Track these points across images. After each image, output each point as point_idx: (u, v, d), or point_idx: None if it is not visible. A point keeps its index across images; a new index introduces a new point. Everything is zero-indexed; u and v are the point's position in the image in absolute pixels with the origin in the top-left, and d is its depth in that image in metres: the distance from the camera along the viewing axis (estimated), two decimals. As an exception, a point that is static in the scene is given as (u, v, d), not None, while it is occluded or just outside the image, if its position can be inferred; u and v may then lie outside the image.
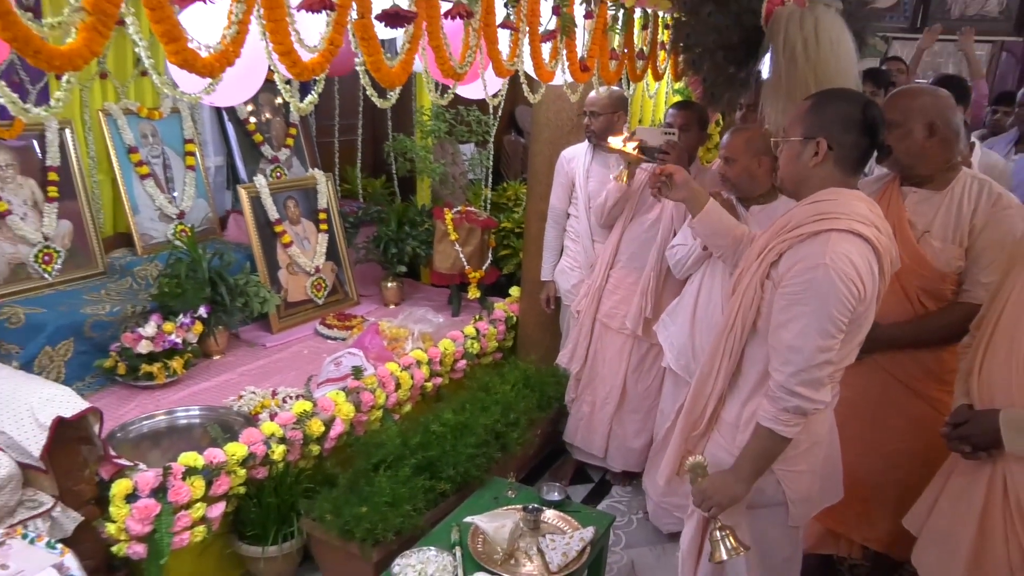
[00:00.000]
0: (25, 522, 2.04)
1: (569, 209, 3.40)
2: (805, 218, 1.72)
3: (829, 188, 1.74)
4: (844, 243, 1.65)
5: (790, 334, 1.69)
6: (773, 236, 1.79)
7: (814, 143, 1.73)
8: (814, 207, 1.72)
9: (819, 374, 1.69)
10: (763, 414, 1.75)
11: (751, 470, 1.79)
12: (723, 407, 1.94)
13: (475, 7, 1.98)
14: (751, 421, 1.82)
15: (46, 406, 2.09)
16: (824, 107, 1.76)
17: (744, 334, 1.84)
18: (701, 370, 1.99)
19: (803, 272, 1.67)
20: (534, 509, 2.35)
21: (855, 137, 1.73)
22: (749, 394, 1.87)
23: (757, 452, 1.78)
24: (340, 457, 2.78)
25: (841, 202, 1.70)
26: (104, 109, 3.33)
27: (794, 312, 1.68)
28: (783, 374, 1.71)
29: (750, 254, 1.89)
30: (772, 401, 1.73)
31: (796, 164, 1.79)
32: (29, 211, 3.01)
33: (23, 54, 1.22)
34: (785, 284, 1.71)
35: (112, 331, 2.98)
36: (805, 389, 1.69)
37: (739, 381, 1.90)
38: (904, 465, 2.28)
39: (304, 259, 3.78)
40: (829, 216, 1.68)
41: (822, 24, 2.44)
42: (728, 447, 1.90)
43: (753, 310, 1.80)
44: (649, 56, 3.04)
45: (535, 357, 3.59)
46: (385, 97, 1.93)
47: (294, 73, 1.58)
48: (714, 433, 1.97)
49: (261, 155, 4.03)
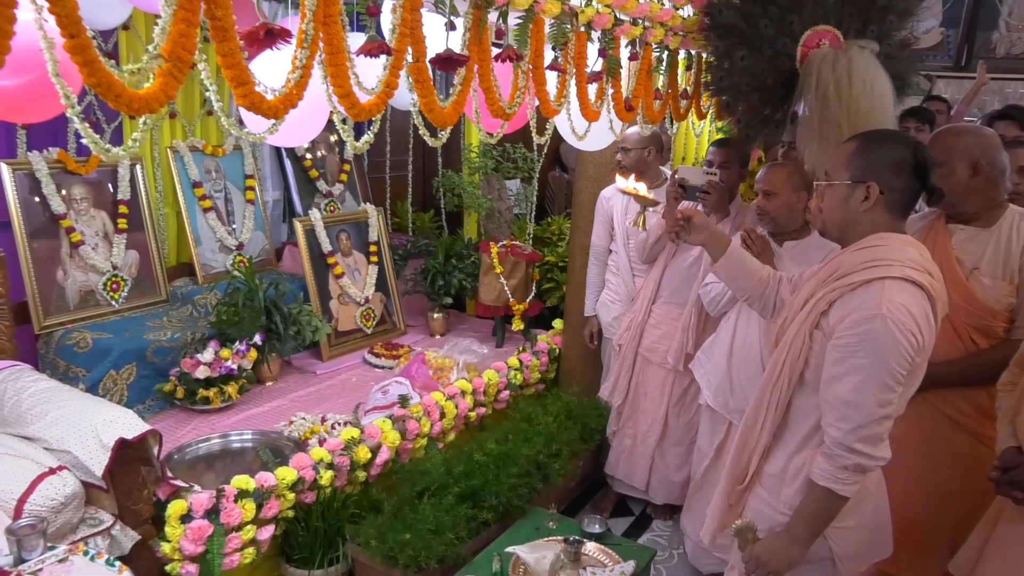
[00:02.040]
0: (86, 539, 2.11)
1: (610, 245, 3.45)
2: (855, 265, 1.65)
3: (878, 233, 1.68)
4: (900, 292, 1.59)
5: (846, 388, 1.62)
6: (820, 284, 1.73)
7: (864, 187, 1.67)
8: (864, 253, 1.66)
9: (878, 429, 1.62)
10: (819, 472, 1.67)
11: (808, 532, 1.71)
12: (767, 460, 1.87)
13: (524, 50, 2.06)
14: (798, 474, 1.76)
15: (109, 427, 2.16)
16: (873, 150, 1.69)
17: (791, 386, 1.77)
18: (745, 422, 1.91)
19: (858, 323, 1.60)
20: (575, 541, 2.36)
21: (907, 181, 1.67)
22: (797, 447, 1.79)
23: (814, 513, 1.70)
24: (385, 484, 2.83)
25: (892, 248, 1.64)
26: (172, 146, 3.52)
27: (850, 365, 1.61)
28: (841, 431, 1.63)
29: (795, 302, 1.82)
30: (829, 459, 1.65)
31: (844, 209, 1.72)
32: (100, 242, 3.18)
33: (105, 98, 1.30)
34: (839, 335, 1.64)
35: (172, 356, 3.10)
36: (864, 446, 1.62)
37: (786, 433, 1.83)
38: (957, 505, 2.23)
39: (354, 290, 3.89)
40: (881, 263, 1.62)
41: (855, 65, 2.43)
42: (772, 501, 1.83)
43: (801, 361, 1.74)
44: (693, 95, 3.09)
45: (577, 389, 3.61)
46: (436, 136, 2.00)
47: (352, 114, 1.67)
48: (756, 487, 1.89)
49: (316, 190, 4.18)
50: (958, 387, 2.20)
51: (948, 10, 6.15)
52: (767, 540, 1.77)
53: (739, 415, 2.66)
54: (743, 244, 2.58)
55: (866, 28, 2.63)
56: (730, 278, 2.14)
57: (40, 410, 2.25)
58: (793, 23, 2.62)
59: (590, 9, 2.23)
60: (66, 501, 2.08)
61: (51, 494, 2.05)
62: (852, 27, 2.62)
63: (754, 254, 2.53)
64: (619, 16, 2.36)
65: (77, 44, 1.19)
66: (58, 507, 2.05)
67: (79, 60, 1.20)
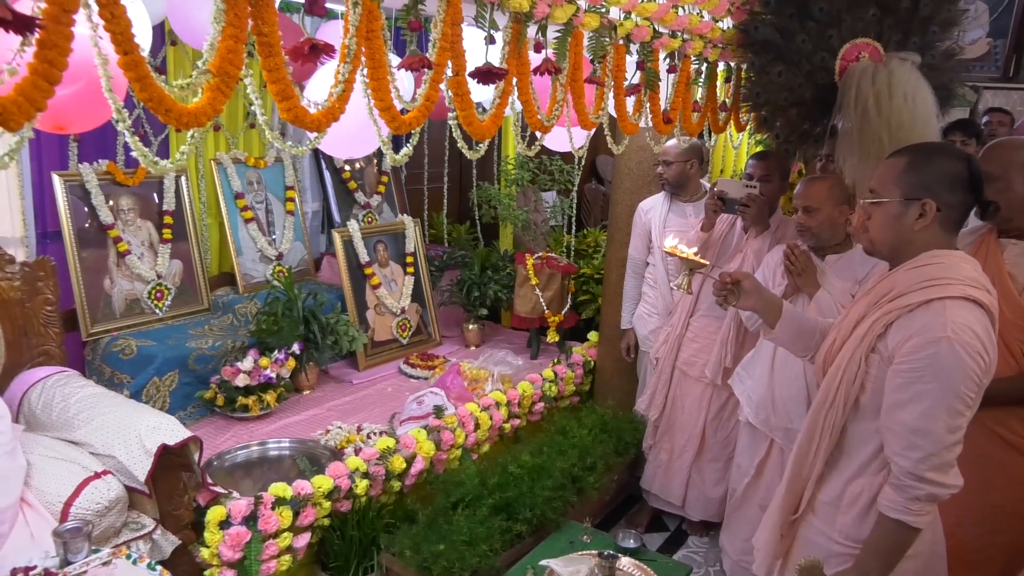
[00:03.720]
0: (129, 543, 2.16)
1: (648, 258, 3.42)
2: (911, 285, 1.59)
3: (933, 251, 1.62)
4: (963, 312, 1.53)
5: (912, 416, 1.55)
6: (872, 305, 1.67)
7: (918, 204, 1.60)
8: (920, 272, 1.60)
9: (949, 457, 1.55)
10: (889, 505, 1.60)
11: (880, 568, 1.63)
12: (820, 488, 1.80)
13: (563, 63, 2.07)
14: (855, 502, 1.70)
15: (152, 433, 2.21)
16: (925, 165, 1.62)
17: (845, 411, 1.71)
18: (798, 450, 1.83)
19: (922, 347, 1.53)
20: (610, 556, 2.33)
21: (961, 196, 1.61)
22: (854, 474, 1.73)
23: (886, 547, 1.61)
24: (420, 494, 2.83)
25: (949, 266, 1.58)
26: (216, 158, 3.60)
27: (915, 391, 1.54)
28: (910, 460, 1.55)
29: (843, 324, 1.76)
30: (898, 490, 1.58)
31: (897, 227, 1.64)
32: (146, 251, 3.26)
33: (156, 112, 1.33)
34: (901, 360, 1.57)
35: (213, 364, 3.16)
36: (936, 474, 1.54)
37: (840, 460, 1.76)
38: (1010, 528, 2.16)
39: (391, 300, 3.92)
40: (939, 282, 1.56)
41: (896, 78, 2.39)
42: (826, 530, 1.76)
43: (856, 386, 1.67)
44: (732, 108, 3.07)
45: (613, 402, 3.58)
46: (474, 148, 2.01)
47: (393, 127, 1.69)
48: (809, 515, 1.81)
49: (355, 201, 4.24)
50: (1011, 406, 2.13)
51: (995, 20, 6.02)
52: None
53: (781, 432, 2.62)
54: (785, 259, 2.54)
55: (907, 40, 2.59)
56: (790, 340, 2.02)
57: (86, 415, 2.31)
58: (832, 37, 2.59)
59: (629, 22, 2.23)
60: (110, 505, 2.12)
61: (96, 498, 2.09)
62: (892, 39, 2.58)
63: (797, 270, 2.50)
64: (658, 29, 2.36)
65: (131, 60, 1.23)
66: (103, 511, 2.10)
67: (132, 76, 1.24)
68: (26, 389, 2.45)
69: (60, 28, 1.13)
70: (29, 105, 1.13)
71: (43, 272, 2.62)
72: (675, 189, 3.29)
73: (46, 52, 1.12)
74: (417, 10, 1.64)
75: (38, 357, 2.61)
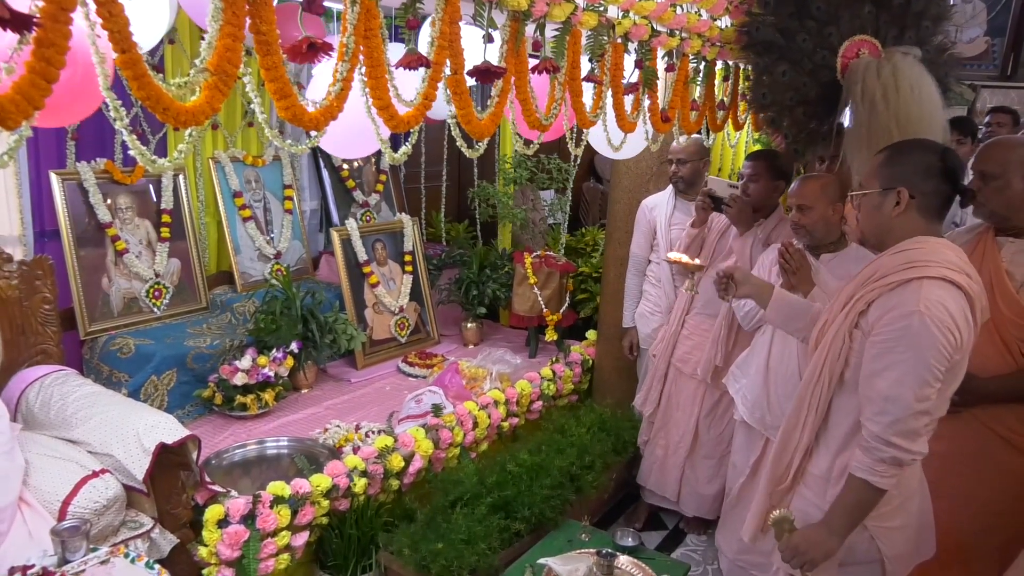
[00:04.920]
0: (127, 542, 2.16)
1: (650, 256, 3.42)
2: (894, 267, 1.70)
3: (915, 237, 1.73)
4: (937, 290, 1.63)
5: (885, 383, 1.66)
6: (859, 286, 1.77)
7: (894, 193, 1.74)
8: (902, 255, 1.71)
9: (915, 424, 1.66)
10: (857, 465, 1.71)
11: (845, 523, 1.74)
12: (810, 460, 1.90)
13: (561, 62, 2.07)
14: (843, 474, 1.78)
15: (151, 432, 2.21)
16: (900, 158, 1.77)
17: (831, 386, 1.81)
18: (786, 423, 1.95)
19: (897, 320, 1.65)
20: (608, 554, 2.33)
21: (936, 184, 1.73)
22: (840, 447, 1.83)
23: (851, 504, 1.74)
24: (418, 493, 2.84)
25: (929, 250, 1.69)
26: (214, 157, 3.59)
27: (888, 360, 1.66)
28: (879, 424, 1.67)
29: (834, 305, 1.87)
30: (867, 452, 1.70)
31: (878, 216, 1.78)
32: (144, 250, 3.26)
33: (154, 111, 1.32)
34: (877, 332, 1.69)
35: (211, 363, 3.16)
36: (901, 440, 1.65)
37: (827, 434, 1.86)
38: (1006, 526, 2.16)
39: (389, 299, 3.92)
40: (918, 264, 1.67)
41: (901, 71, 2.42)
42: (817, 501, 1.85)
43: (841, 361, 1.78)
44: (730, 107, 3.07)
45: (611, 401, 3.59)
46: (473, 147, 2.01)
47: (391, 126, 1.68)
48: (800, 487, 1.92)
49: (353, 200, 4.24)
50: (1008, 403, 2.14)
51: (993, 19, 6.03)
52: (804, 531, 1.79)
53: (776, 431, 2.62)
54: (779, 258, 2.55)
55: (903, 35, 2.60)
56: (783, 322, 2.22)
57: (84, 414, 2.31)
58: (831, 35, 2.60)
59: (627, 21, 2.23)
60: (108, 504, 2.12)
61: (94, 496, 2.10)
62: (889, 35, 2.59)
63: (792, 268, 2.50)
64: (656, 27, 2.35)
65: (128, 59, 1.23)
66: (101, 509, 2.10)
67: (129, 74, 1.24)
68: (24, 388, 2.45)
69: (58, 26, 1.12)
70: (27, 103, 1.13)
71: (41, 271, 2.62)
72: (687, 188, 3.29)
73: (44, 50, 1.12)
74: (415, 8, 1.64)
75: (36, 356, 2.61)
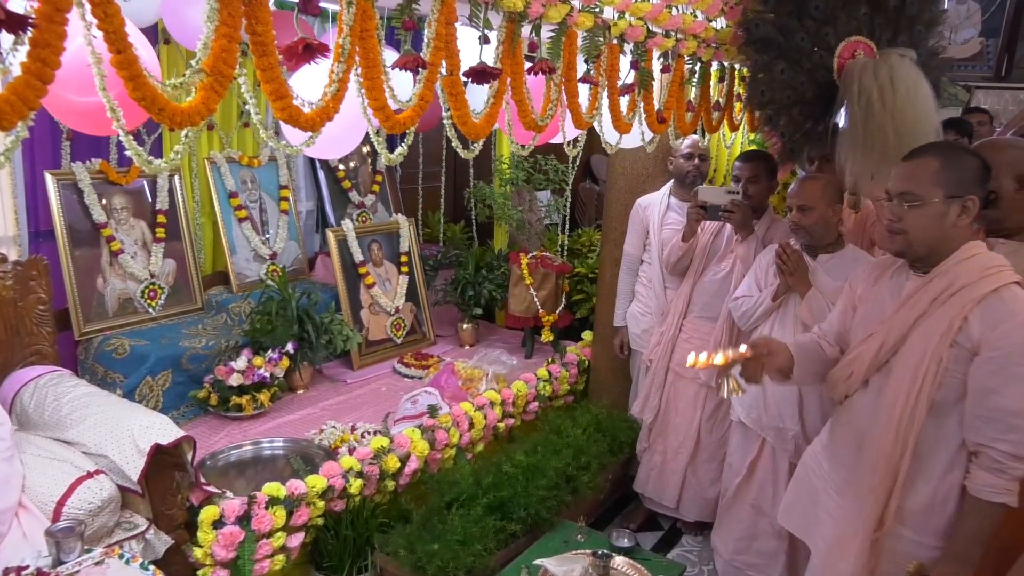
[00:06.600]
0: (122, 543, 2.15)
1: (643, 255, 3.42)
2: (973, 276, 1.67)
3: (970, 243, 1.72)
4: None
5: (1009, 399, 1.60)
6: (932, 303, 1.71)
7: (960, 202, 1.69)
8: (975, 262, 1.69)
9: None
10: (991, 490, 1.64)
11: (977, 552, 1.68)
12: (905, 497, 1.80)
13: (557, 63, 2.07)
14: (948, 500, 1.74)
15: (145, 433, 2.20)
16: (957, 164, 1.71)
17: (924, 417, 1.72)
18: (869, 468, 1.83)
19: (1012, 331, 1.60)
20: (604, 555, 2.33)
21: (984, 189, 1.73)
22: (941, 474, 1.75)
23: (985, 531, 1.67)
24: (414, 494, 2.84)
25: (989, 255, 1.70)
26: (209, 157, 3.59)
27: (1009, 375, 1.60)
28: (1009, 443, 1.60)
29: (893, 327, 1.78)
30: (999, 474, 1.62)
31: (940, 225, 1.71)
32: (139, 250, 3.25)
33: (149, 112, 1.33)
34: (994, 347, 1.62)
35: (207, 364, 3.15)
36: None
37: (922, 465, 1.77)
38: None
39: (385, 300, 3.92)
40: (993, 271, 1.66)
41: (897, 72, 2.43)
42: (919, 537, 1.78)
43: (936, 385, 1.70)
44: (725, 108, 3.08)
45: (607, 401, 3.59)
46: (469, 148, 2.01)
47: (387, 127, 1.69)
48: (895, 527, 1.80)
49: (349, 200, 4.23)
50: None
51: (987, 20, 6.05)
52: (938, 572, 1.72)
53: (772, 431, 2.63)
54: (776, 259, 2.55)
55: (896, 38, 2.62)
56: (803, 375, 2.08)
57: (79, 415, 2.30)
58: (828, 35, 2.61)
59: (623, 22, 2.23)
60: (103, 504, 2.12)
61: (88, 497, 2.09)
62: (883, 37, 2.61)
63: (789, 269, 2.51)
64: (652, 28, 2.36)
65: (123, 59, 1.23)
66: (95, 510, 2.09)
67: (125, 75, 1.24)
68: (18, 389, 2.44)
69: (53, 27, 1.13)
70: (22, 104, 1.13)
71: (36, 271, 2.61)
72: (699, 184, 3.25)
73: (39, 51, 1.12)
74: (411, 9, 1.64)
75: (30, 356, 2.60)
